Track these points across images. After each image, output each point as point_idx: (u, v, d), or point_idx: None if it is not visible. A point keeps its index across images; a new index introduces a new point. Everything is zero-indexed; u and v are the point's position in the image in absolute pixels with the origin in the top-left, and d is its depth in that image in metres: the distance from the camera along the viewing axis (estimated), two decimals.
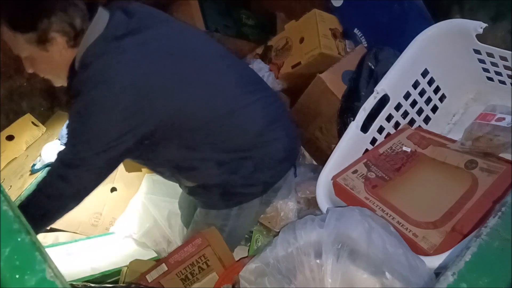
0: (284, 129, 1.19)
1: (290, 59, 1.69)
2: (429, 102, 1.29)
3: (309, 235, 0.82)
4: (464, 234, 0.88)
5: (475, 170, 1.03)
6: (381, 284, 0.76)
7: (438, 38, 1.19)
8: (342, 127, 1.33)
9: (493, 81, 1.21)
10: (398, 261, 0.78)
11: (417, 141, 1.19)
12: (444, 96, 1.30)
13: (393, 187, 1.06)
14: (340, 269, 0.76)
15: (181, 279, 1.10)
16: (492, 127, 1.09)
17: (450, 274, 0.55)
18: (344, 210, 0.90)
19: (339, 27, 1.67)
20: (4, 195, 0.55)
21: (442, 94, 1.29)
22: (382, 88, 1.17)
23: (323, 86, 1.48)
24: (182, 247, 1.12)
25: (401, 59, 1.20)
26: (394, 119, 1.23)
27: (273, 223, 1.51)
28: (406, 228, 0.93)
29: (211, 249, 1.10)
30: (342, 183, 1.07)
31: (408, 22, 1.43)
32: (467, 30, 1.11)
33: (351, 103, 1.36)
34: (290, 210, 1.48)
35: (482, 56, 1.16)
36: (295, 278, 0.81)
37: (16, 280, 0.49)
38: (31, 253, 0.51)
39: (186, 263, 1.09)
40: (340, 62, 1.53)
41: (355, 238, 0.79)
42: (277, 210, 1.50)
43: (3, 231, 0.52)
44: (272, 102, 1.19)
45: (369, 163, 1.12)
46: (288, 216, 1.48)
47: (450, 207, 0.96)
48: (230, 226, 1.20)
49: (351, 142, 1.16)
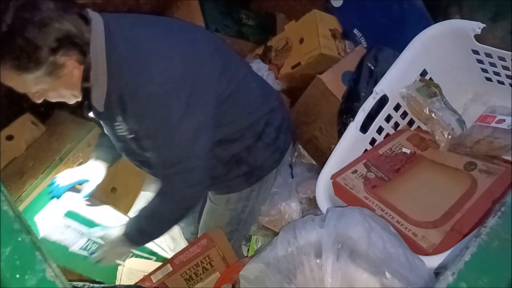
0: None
1: (290, 59, 1.70)
2: None
3: (309, 235, 0.82)
4: (463, 234, 0.88)
5: (474, 171, 1.04)
6: (381, 284, 0.77)
7: (436, 38, 1.20)
8: (341, 128, 1.33)
9: (491, 82, 1.21)
10: (398, 261, 0.78)
11: (417, 143, 1.19)
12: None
13: (393, 187, 1.06)
14: (340, 269, 0.77)
15: (185, 279, 1.11)
16: (492, 129, 1.09)
17: (450, 274, 0.55)
18: (344, 210, 0.90)
19: (338, 28, 1.67)
20: (4, 195, 0.55)
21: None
22: (381, 88, 1.18)
23: (323, 87, 1.48)
24: (188, 247, 1.14)
25: (400, 59, 1.21)
26: (393, 119, 1.23)
27: (278, 226, 1.51)
28: (405, 228, 0.93)
29: (216, 249, 1.11)
30: (341, 182, 1.07)
31: (408, 22, 1.43)
32: (466, 31, 1.12)
33: (350, 104, 1.36)
34: (294, 211, 1.48)
35: (480, 57, 1.16)
36: (295, 278, 0.81)
37: (16, 280, 0.49)
38: (31, 253, 0.51)
39: (191, 264, 1.11)
40: (339, 63, 1.53)
41: (355, 238, 0.79)
42: (281, 213, 1.50)
43: (3, 231, 0.52)
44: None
45: (368, 163, 1.12)
46: (293, 217, 1.48)
47: (449, 207, 0.96)
48: (250, 206, 1.27)
49: (351, 142, 1.17)
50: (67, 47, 0.91)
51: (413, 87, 1.19)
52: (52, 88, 0.97)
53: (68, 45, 0.91)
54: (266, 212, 1.50)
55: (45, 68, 0.90)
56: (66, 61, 0.93)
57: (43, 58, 0.89)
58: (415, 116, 1.23)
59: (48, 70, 0.91)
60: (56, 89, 0.98)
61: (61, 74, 0.94)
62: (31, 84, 0.94)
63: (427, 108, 1.17)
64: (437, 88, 1.22)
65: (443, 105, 1.20)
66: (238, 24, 1.94)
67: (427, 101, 1.18)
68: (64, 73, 0.94)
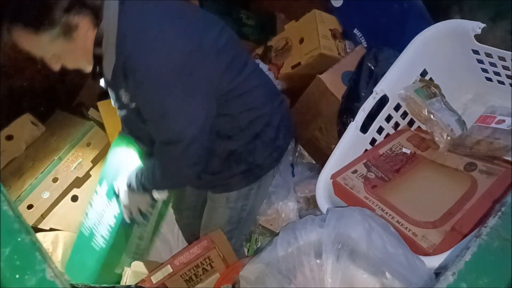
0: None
1: (290, 59, 1.70)
2: None
3: (309, 235, 0.82)
4: (463, 234, 0.88)
5: (474, 172, 1.04)
6: (381, 284, 0.77)
7: (436, 38, 1.20)
8: (341, 128, 1.33)
9: (492, 82, 1.21)
10: (398, 261, 0.78)
11: (417, 143, 1.19)
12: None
13: (393, 187, 1.06)
14: (340, 269, 0.77)
15: (185, 280, 1.11)
16: (492, 130, 1.09)
17: (450, 274, 0.55)
18: (344, 210, 0.90)
19: (339, 28, 1.67)
20: (4, 195, 0.55)
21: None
22: (381, 88, 1.18)
23: (323, 87, 1.48)
24: (188, 248, 1.14)
25: (400, 59, 1.21)
26: (394, 119, 1.23)
27: (275, 225, 1.52)
28: (405, 228, 0.93)
29: (216, 250, 1.11)
30: (341, 182, 1.07)
31: (408, 22, 1.43)
32: (466, 31, 1.12)
33: (351, 104, 1.36)
34: (291, 210, 1.49)
35: (480, 57, 1.16)
36: (295, 278, 0.81)
37: (16, 280, 0.49)
38: (31, 253, 0.51)
39: (191, 265, 1.11)
40: (339, 63, 1.53)
41: (355, 238, 0.79)
42: (278, 212, 1.50)
43: (3, 231, 0.52)
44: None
45: (368, 163, 1.12)
46: (289, 216, 1.49)
47: (449, 208, 0.96)
48: (250, 205, 1.27)
49: (351, 142, 1.17)
50: (79, 8, 0.95)
51: (411, 88, 1.19)
52: (68, 51, 1.00)
53: (80, 6, 0.95)
54: (263, 211, 1.51)
55: (59, 28, 0.94)
56: (80, 21, 0.96)
57: (57, 16, 0.93)
58: (414, 117, 1.23)
59: (63, 30, 0.95)
60: (71, 53, 1.01)
61: (75, 36, 0.97)
62: (47, 46, 0.97)
63: (426, 109, 1.17)
64: (437, 89, 1.22)
65: (442, 105, 1.20)
66: (238, 24, 1.94)
67: (426, 102, 1.18)
68: (78, 35, 0.97)
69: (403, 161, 1.14)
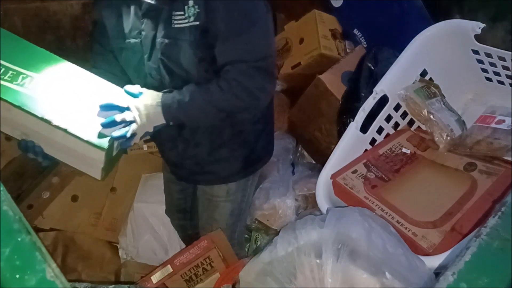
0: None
1: (290, 59, 1.70)
2: None
3: (309, 235, 0.82)
4: (463, 234, 0.88)
5: (474, 172, 1.04)
6: (381, 284, 0.77)
7: (436, 38, 1.20)
8: (341, 128, 1.33)
9: (491, 82, 1.21)
10: (398, 261, 0.78)
11: (417, 143, 1.19)
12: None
13: (393, 187, 1.06)
14: (340, 269, 0.77)
15: (185, 280, 1.12)
16: (492, 130, 1.09)
17: (450, 274, 0.55)
18: (344, 210, 0.90)
19: (338, 28, 1.67)
20: (4, 195, 0.55)
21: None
22: (381, 88, 1.18)
23: (323, 87, 1.48)
24: (188, 249, 1.14)
25: (400, 59, 1.21)
26: (394, 119, 1.23)
27: (271, 220, 1.52)
28: (405, 228, 0.93)
29: (216, 250, 1.12)
30: (341, 182, 1.07)
31: (408, 22, 1.43)
32: (466, 31, 1.12)
33: (350, 104, 1.36)
34: (288, 207, 1.49)
35: (480, 57, 1.16)
36: (295, 278, 0.81)
37: (16, 280, 0.49)
38: (31, 253, 0.51)
39: (191, 265, 1.11)
40: (339, 63, 1.53)
41: (355, 238, 0.79)
42: (275, 208, 1.51)
43: (3, 231, 0.52)
44: None
45: (368, 163, 1.12)
46: (286, 213, 1.49)
47: (449, 208, 0.96)
48: (247, 196, 1.31)
49: (351, 142, 1.17)
50: None
51: (411, 89, 1.19)
52: None
53: None
54: (260, 206, 1.51)
55: None
56: None
57: None
58: (414, 117, 1.23)
59: None
60: None
61: None
62: None
63: (426, 110, 1.17)
64: (436, 89, 1.22)
65: (442, 105, 1.20)
66: None
67: (426, 102, 1.18)
68: None
69: (403, 161, 1.14)
